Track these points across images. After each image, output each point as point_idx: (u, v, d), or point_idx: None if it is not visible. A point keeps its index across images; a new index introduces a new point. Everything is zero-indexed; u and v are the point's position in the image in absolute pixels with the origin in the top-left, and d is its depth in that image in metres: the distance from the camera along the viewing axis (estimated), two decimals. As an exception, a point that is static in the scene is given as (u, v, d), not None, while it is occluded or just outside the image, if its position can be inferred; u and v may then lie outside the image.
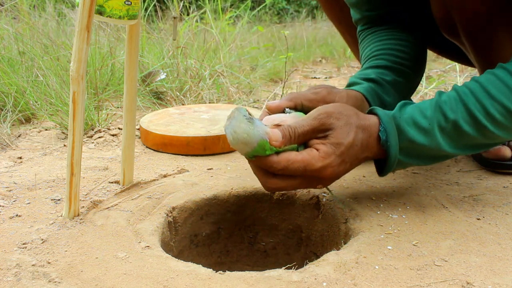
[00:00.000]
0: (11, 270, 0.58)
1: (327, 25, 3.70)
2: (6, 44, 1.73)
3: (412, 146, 0.67)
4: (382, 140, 0.67)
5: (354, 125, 0.65)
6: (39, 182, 0.87)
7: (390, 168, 0.69)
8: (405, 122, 0.67)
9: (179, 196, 0.80)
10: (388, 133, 0.66)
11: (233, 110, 0.60)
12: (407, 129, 0.66)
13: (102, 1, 0.66)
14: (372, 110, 0.70)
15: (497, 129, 0.66)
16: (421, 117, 0.67)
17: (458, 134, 0.67)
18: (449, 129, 0.66)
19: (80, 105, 0.67)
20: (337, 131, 0.64)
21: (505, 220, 0.70)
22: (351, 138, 0.64)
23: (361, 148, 0.66)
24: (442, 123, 0.66)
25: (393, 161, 0.68)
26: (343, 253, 0.61)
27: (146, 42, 1.94)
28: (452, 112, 0.66)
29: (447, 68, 2.24)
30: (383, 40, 0.93)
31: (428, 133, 0.66)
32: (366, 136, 0.66)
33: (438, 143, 0.67)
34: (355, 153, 0.65)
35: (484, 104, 0.65)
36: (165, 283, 0.55)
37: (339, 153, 0.63)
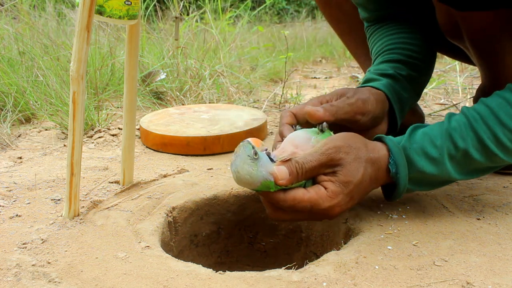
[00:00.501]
0: (11, 270, 0.58)
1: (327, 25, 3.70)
2: (6, 44, 1.73)
3: (421, 176, 0.67)
4: (392, 173, 0.66)
5: (364, 159, 0.63)
6: (39, 182, 0.87)
7: (398, 196, 0.68)
8: (415, 153, 0.66)
9: (179, 196, 0.80)
10: (398, 165, 0.65)
11: (239, 145, 0.59)
12: (417, 160, 0.65)
13: (102, 1, 0.66)
14: (381, 138, 0.69)
15: (507, 156, 0.65)
16: (431, 147, 0.66)
17: (468, 161, 0.66)
18: (459, 158, 0.66)
19: (80, 105, 0.67)
20: (346, 167, 0.61)
21: (505, 220, 0.70)
22: (360, 175, 0.62)
23: (370, 182, 0.65)
24: (452, 151, 0.65)
25: (402, 191, 0.67)
26: (343, 253, 0.61)
27: (146, 42, 1.94)
28: (462, 140, 0.65)
29: (447, 68, 2.24)
30: (393, 34, 0.93)
31: (438, 162, 0.65)
32: (375, 170, 0.65)
33: (447, 172, 0.66)
34: (363, 189, 0.64)
35: (494, 131, 0.64)
36: (165, 283, 0.55)
37: (347, 192, 0.62)
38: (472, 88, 1.81)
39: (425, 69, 0.91)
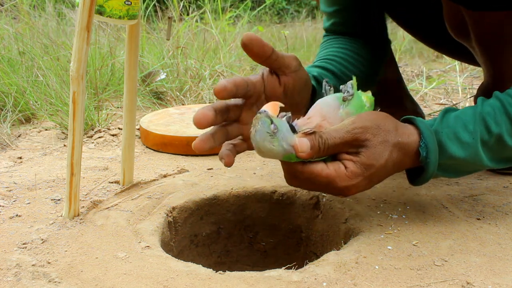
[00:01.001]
0: (11, 270, 0.58)
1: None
2: (6, 44, 1.73)
3: (451, 162, 0.64)
4: (421, 157, 0.63)
5: (391, 143, 0.61)
6: (39, 182, 0.87)
7: (424, 181, 0.66)
8: (447, 137, 0.63)
9: (179, 196, 0.80)
10: (429, 150, 0.62)
11: (256, 117, 0.55)
12: (449, 145, 0.63)
13: (102, 1, 0.66)
14: (412, 120, 0.66)
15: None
16: (464, 131, 0.63)
17: (501, 147, 0.64)
18: (492, 143, 0.63)
19: (80, 105, 0.67)
20: (371, 150, 0.59)
21: (505, 220, 0.70)
22: (384, 160, 0.60)
23: (393, 167, 0.62)
24: (485, 137, 0.63)
25: (429, 176, 0.64)
26: (343, 253, 0.61)
27: (146, 42, 1.94)
28: (496, 125, 0.63)
29: (447, 68, 2.24)
30: (340, 49, 0.91)
31: (470, 147, 0.63)
32: (402, 155, 0.62)
33: (480, 158, 0.64)
34: (384, 173, 0.62)
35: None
36: (165, 283, 0.55)
37: (367, 175, 0.60)
38: (472, 88, 1.81)
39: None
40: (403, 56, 2.72)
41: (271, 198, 0.83)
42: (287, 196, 0.83)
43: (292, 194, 0.83)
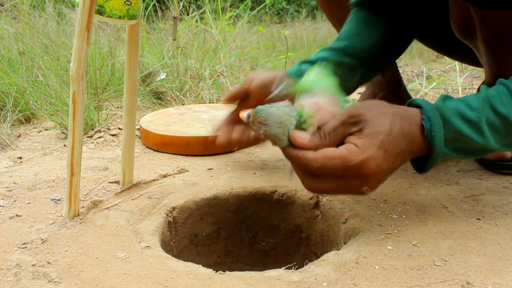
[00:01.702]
0: (11, 270, 0.58)
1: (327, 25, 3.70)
2: (6, 44, 1.73)
3: (458, 138, 0.62)
4: (426, 130, 0.61)
5: (389, 113, 0.60)
6: (39, 182, 0.87)
7: (433, 162, 0.63)
8: (451, 113, 0.62)
9: (179, 196, 0.80)
10: (432, 122, 0.61)
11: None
12: (453, 120, 0.62)
13: (102, 1, 0.66)
14: (412, 101, 0.65)
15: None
16: (468, 109, 0.62)
17: (508, 130, 0.63)
18: (499, 125, 0.63)
19: (80, 105, 0.67)
20: (371, 121, 0.59)
21: (505, 220, 0.70)
22: (388, 125, 0.59)
23: (404, 137, 0.60)
24: (491, 118, 0.62)
25: (437, 154, 0.62)
26: (343, 253, 0.61)
27: (146, 42, 1.94)
28: (502, 106, 0.62)
29: (447, 68, 2.24)
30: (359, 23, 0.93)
31: (475, 126, 0.62)
32: (407, 125, 0.61)
33: (486, 138, 0.63)
34: (398, 143, 0.60)
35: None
36: (165, 283, 0.55)
37: (379, 143, 0.58)
38: (472, 88, 1.81)
39: (371, 62, 0.92)
40: (403, 56, 2.72)
41: (271, 198, 0.83)
42: (287, 196, 0.83)
43: (292, 194, 0.83)
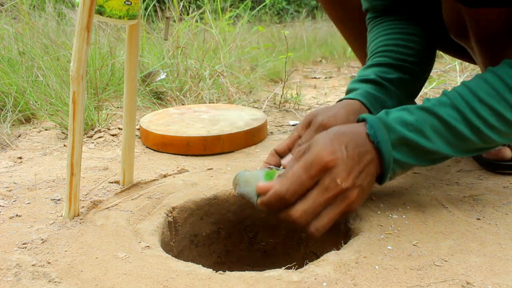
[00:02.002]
0: (11, 270, 0.58)
1: (327, 25, 3.70)
2: (6, 44, 1.73)
3: (406, 142, 0.65)
4: (370, 136, 0.64)
5: (334, 128, 0.66)
6: (39, 182, 0.87)
7: (387, 168, 0.66)
8: (393, 121, 0.65)
9: (179, 196, 0.80)
10: (376, 129, 0.64)
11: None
12: (395, 126, 0.65)
13: (102, 1, 0.66)
14: (357, 118, 0.70)
15: (492, 132, 0.65)
16: (408, 115, 0.66)
17: (454, 135, 0.66)
18: (442, 130, 0.65)
19: (80, 105, 0.67)
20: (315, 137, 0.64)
21: (505, 220, 0.70)
22: (331, 130, 0.65)
23: (351, 136, 0.64)
24: (434, 123, 0.65)
25: (388, 160, 0.65)
26: (343, 253, 0.61)
27: (146, 42, 1.94)
28: (444, 113, 0.65)
29: (447, 68, 2.24)
30: (389, 34, 0.92)
31: (417, 129, 0.65)
32: (353, 131, 0.65)
33: (431, 141, 0.65)
34: (345, 137, 0.63)
35: (474, 107, 0.65)
36: (165, 283, 0.55)
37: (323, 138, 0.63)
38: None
39: (420, 71, 0.90)
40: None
41: (271, 198, 0.83)
42: (287, 196, 0.83)
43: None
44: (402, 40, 0.90)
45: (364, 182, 0.64)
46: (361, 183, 0.63)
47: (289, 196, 0.61)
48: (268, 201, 0.62)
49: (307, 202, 0.61)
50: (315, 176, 0.61)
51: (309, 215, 0.61)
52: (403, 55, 0.88)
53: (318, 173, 0.61)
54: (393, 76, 0.86)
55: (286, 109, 1.57)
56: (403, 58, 0.88)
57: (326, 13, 1.19)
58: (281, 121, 1.41)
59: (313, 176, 0.61)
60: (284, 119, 1.44)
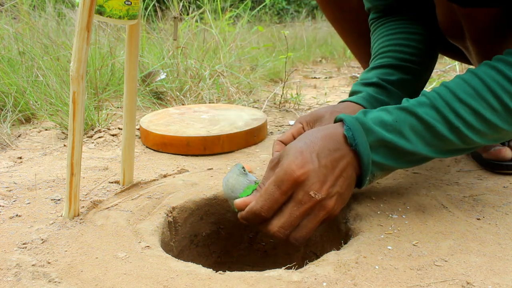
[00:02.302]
0: (11, 270, 0.58)
1: (327, 25, 3.70)
2: (6, 44, 1.73)
3: (385, 144, 0.65)
4: (348, 138, 0.64)
5: (307, 133, 0.66)
6: (39, 182, 0.87)
7: (366, 171, 0.65)
8: (371, 121, 0.65)
9: (179, 196, 0.80)
10: (353, 130, 0.64)
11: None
12: (374, 127, 0.64)
13: (102, 1, 0.66)
14: (335, 118, 0.69)
15: (471, 133, 0.65)
16: (386, 115, 0.65)
17: (433, 135, 0.65)
18: (421, 130, 0.65)
19: (80, 105, 0.67)
20: (287, 147, 0.64)
21: (505, 220, 0.70)
22: (302, 138, 0.64)
23: (325, 139, 0.63)
24: (413, 122, 0.65)
25: (366, 162, 0.64)
26: (343, 253, 0.61)
27: (146, 42, 1.94)
28: (423, 113, 0.64)
29: (447, 68, 2.24)
30: (391, 35, 0.92)
31: (395, 130, 0.64)
32: (328, 132, 0.65)
33: (411, 142, 0.65)
34: (317, 144, 0.63)
35: (454, 107, 0.64)
36: (165, 283, 0.55)
37: (293, 151, 0.62)
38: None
39: (421, 71, 0.90)
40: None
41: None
42: (287, 196, 0.83)
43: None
44: (404, 39, 0.90)
45: (342, 188, 0.63)
46: (338, 190, 0.63)
47: (264, 213, 0.62)
48: (246, 217, 0.64)
49: (283, 217, 0.62)
50: (287, 191, 0.61)
51: (286, 229, 0.62)
52: (405, 55, 0.88)
53: (290, 188, 0.61)
54: (394, 77, 0.86)
55: (286, 109, 1.57)
56: (405, 57, 0.88)
57: (324, 14, 1.19)
58: (281, 121, 1.41)
59: (285, 192, 0.61)
60: (284, 119, 1.44)
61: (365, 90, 0.84)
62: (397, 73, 0.86)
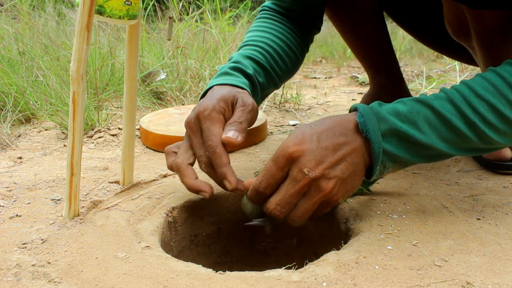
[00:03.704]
0: (11, 270, 0.58)
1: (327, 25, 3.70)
2: (6, 44, 1.73)
3: (397, 133, 0.63)
4: (360, 124, 0.62)
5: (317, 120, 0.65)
6: (39, 182, 0.87)
7: (376, 159, 0.63)
8: (385, 111, 0.63)
9: (179, 196, 0.80)
10: (366, 117, 0.62)
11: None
12: (387, 116, 0.62)
13: (102, 1, 0.66)
14: (350, 108, 0.68)
15: (489, 130, 0.63)
16: (402, 106, 0.64)
17: (449, 129, 0.63)
18: (436, 122, 0.63)
19: (80, 105, 0.67)
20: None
21: (505, 220, 0.70)
22: (313, 124, 0.63)
23: (331, 128, 0.62)
24: (428, 114, 0.63)
25: (377, 150, 0.62)
26: (343, 253, 0.61)
27: (146, 42, 1.94)
28: (439, 105, 0.63)
29: (447, 68, 2.24)
30: (275, 34, 0.90)
31: (411, 121, 0.62)
32: (338, 120, 0.63)
33: (425, 134, 0.63)
34: (323, 130, 0.62)
35: (471, 102, 0.62)
36: (165, 283, 0.55)
37: (295, 133, 0.62)
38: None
39: (277, 85, 0.91)
40: (403, 56, 2.72)
41: (271, 198, 0.83)
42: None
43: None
44: (283, 50, 0.89)
45: (343, 173, 0.62)
46: (338, 174, 0.61)
47: (262, 188, 0.62)
48: (250, 195, 0.65)
49: (280, 194, 0.62)
50: (283, 167, 0.61)
51: (283, 206, 0.62)
52: (276, 66, 0.88)
53: (285, 164, 0.61)
54: (261, 79, 0.85)
55: (286, 109, 1.57)
56: (275, 68, 0.88)
57: (326, 14, 1.19)
58: (281, 121, 1.41)
59: (281, 167, 0.61)
60: (284, 119, 1.44)
61: (243, 78, 0.81)
62: (263, 77, 0.85)
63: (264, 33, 0.90)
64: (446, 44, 0.96)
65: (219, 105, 0.70)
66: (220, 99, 0.71)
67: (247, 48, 0.87)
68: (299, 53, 0.94)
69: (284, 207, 0.62)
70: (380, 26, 1.12)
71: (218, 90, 0.74)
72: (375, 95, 1.21)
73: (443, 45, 1.03)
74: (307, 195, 0.62)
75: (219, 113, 0.70)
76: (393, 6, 1.10)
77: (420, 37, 1.12)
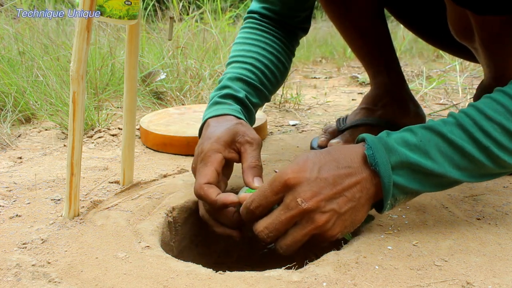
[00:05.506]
0: (11, 270, 0.58)
1: (327, 25, 3.70)
2: (6, 44, 1.73)
3: (408, 165, 0.60)
4: (368, 157, 0.60)
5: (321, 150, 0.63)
6: (39, 182, 0.87)
7: (387, 193, 0.60)
8: (394, 141, 0.61)
9: (179, 196, 0.80)
10: (374, 149, 0.60)
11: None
12: (397, 147, 0.60)
13: (102, 1, 0.66)
14: (357, 138, 0.65)
15: (504, 154, 0.60)
16: (411, 135, 0.61)
17: (462, 156, 0.60)
18: (448, 150, 0.60)
19: (80, 105, 0.67)
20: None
21: (505, 220, 0.70)
22: (318, 152, 0.62)
23: (336, 159, 0.61)
24: (439, 142, 0.60)
25: (387, 184, 0.59)
26: (343, 253, 0.61)
27: (146, 42, 1.94)
28: (449, 132, 0.60)
29: (447, 68, 2.24)
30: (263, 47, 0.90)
31: (422, 150, 0.60)
32: (345, 151, 0.62)
33: (437, 163, 0.60)
34: (327, 161, 0.60)
35: (482, 125, 0.60)
36: (165, 283, 0.55)
37: (296, 161, 0.60)
38: (472, 88, 1.81)
39: (267, 99, 0.92)
40: (403, 56, 2.72)
41: (271, 198, 0.83)
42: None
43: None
44: (272, 62, 0.90)
45: (341, 207, 0.60)
46: (334, 207, 0.59)
47: (253, 207, 0.61)
48: (241, 211, 0.64)
49: (270, 218, 0.61)
50: (277, 192, 0.60)
51: (270, 231, 0.60)
52: (268, 81, 0.89)
53: (280, 190, 0.60)
54: (255, 100, 0.86)
55: (286, 109, 1.57)
56: (266, 84, 0.89)
57: (326, 12, 1.18)
58: (281, 121, 1.41)
59: (275, 192, 0.60)
60: (284, 119, 1.44)
61: (236, 105, 0.82)
62: (256, 97, 0.86)
63: (252, 46, 0.90)
64: (448, 41, 0.96)
65: (216, 147, 0.72)
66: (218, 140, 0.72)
67: (236, 66, 0.88)
68: (287, 63, 0.95)
69: (272, 232, 0.61)
70: (381, 25, 1.12)
71: (214, 128, 0.75)
72: (375, 96, 1.21)
73: (444, 42, 1.03)
74: (298, 225, 0.60)
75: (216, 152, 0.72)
76: (394, 3, 1.10)
77: (422, 34, 1.12)
